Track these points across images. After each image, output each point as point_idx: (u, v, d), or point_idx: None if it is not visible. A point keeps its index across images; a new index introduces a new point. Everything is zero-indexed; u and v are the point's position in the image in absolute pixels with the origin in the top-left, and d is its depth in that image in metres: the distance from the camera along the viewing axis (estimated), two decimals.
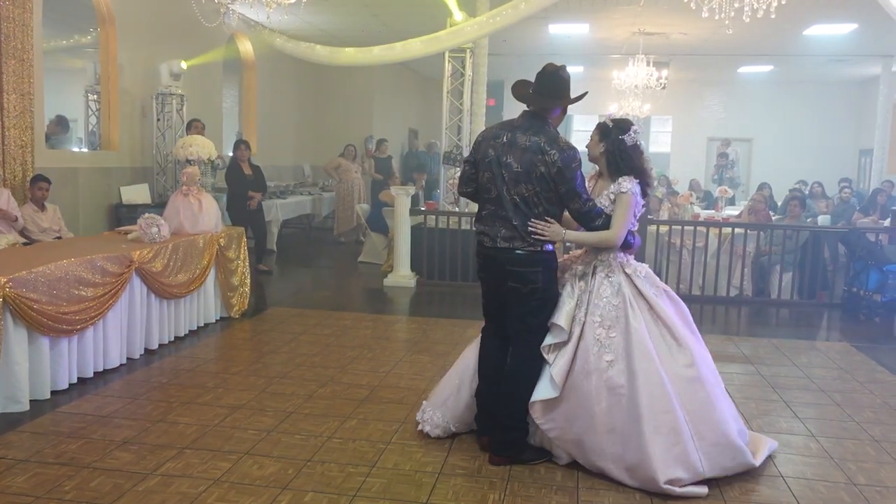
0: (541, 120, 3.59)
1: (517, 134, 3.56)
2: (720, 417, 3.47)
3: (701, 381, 3.49)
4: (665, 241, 8.42)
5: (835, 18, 11.15)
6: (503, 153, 3.55)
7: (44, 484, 3.28)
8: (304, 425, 4.09)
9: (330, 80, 15.10)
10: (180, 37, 9.86)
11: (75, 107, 11.15)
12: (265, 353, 5.55)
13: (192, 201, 6.38)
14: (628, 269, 3.63)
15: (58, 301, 4.42)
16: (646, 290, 3.59)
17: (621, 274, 3.61)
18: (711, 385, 3.53)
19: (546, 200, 3.52)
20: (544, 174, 3.47)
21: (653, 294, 3.59)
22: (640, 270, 3.65)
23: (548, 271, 3.61)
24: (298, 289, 8.69)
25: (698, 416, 3.42)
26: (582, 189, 3.53)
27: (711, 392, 3.50)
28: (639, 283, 3.59)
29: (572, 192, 3.49)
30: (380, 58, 10.26)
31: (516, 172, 3.51)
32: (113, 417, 4.14)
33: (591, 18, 11.66)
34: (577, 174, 3.48)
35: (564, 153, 3.46)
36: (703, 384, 3.49)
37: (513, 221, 3.52)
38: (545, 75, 3.61)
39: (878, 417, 4.51)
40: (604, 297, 3.56)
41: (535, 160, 3.47)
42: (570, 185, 3.47)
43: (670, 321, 3.55)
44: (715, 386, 3.56)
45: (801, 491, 3.45)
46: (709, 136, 18.75)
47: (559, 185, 3.48)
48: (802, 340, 6.52)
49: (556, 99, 3.59)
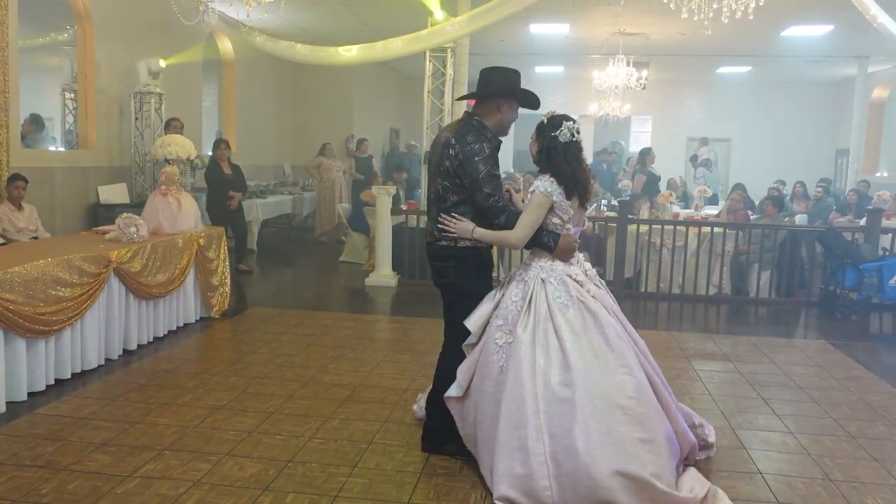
0: (468, 118, 3.64)
1: (445, 132, 3.70)
2: (586, 448, 3.03)
3: (572, 404, 3.11)
4: (645, 240, 8.48)
5: (812, 20, 11.29)
6: (433, 152, 3.76)
7: (20, 487, 3.24)
8: (284, 426, 4.07)
9: (311, 79, 15.05)
10: (159, 35, 9.77)
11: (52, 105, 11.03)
12: (245, 354, 5.52)
13: (171, 201, 6.33)
14: (543, 273, 3.41)
15: (34, 302, 4.36)
16: (553, 298, 3.33)
17: (536, 279, 3.40)
18: (590, 410, 3.09)
19: (455, 195, 3.54)
20: (449, 168, 3.52)
21: (561, 303, 3.32)
22: (555, 276, 3.38)
23: (462, 267, 3.58)
24: (279, 289, 8.65)
25: (559, 440, 3.08)
26: (485, 183, 3.44)
27: (585, 418, 3.08)
28: (549, 289, 3.35)
29: (475, 185, 3.46)
30: (361, 57, 10.23)
31: (434, 168, 3.67)
32: (91, 419, 4.10)
33: (571, 18, 11.71)
34: (479, 167, 3.43)
35: (467, 147, 3.47)
36: (575, 408, 3.10)
37: (433, 215, 3.68)
38: (480, 76, 3.69)
39: (854, 414, 4.57)
40: (512, 300, 3.42)
41: (443, 154, 3.56)
42: (473, 177, 3.45)
43: (566, 336, 3.24)
44: (598, 413, 3.09)
45: (778, 487, 3.49)
46: (688, 136, 18.90)
47: (463, 178, 3.49)
48: (780, 338, 6.59)
49: (484, 97, 3.63)
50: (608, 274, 8.54)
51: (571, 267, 3.45)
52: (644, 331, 6.68)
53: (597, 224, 8.70)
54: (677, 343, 6.27)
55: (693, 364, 5.63)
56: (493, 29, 9.90)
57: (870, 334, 7.15)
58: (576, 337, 3.25)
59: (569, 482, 3.03)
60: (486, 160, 3.46)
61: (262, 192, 12.06)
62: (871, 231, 8.07)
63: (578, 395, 3.12)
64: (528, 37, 13.21)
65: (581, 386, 3.13)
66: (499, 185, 3.51)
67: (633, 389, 3.19)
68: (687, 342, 6.33)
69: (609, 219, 8.68)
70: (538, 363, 3.22)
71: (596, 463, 3.01)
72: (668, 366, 5.51)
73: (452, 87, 10.54)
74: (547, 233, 3.43)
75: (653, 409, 3.23)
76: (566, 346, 3.22)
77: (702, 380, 5.22)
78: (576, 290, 3.37)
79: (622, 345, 3.31)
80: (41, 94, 11.21)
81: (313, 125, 15.15)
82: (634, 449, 3.07)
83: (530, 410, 3.13)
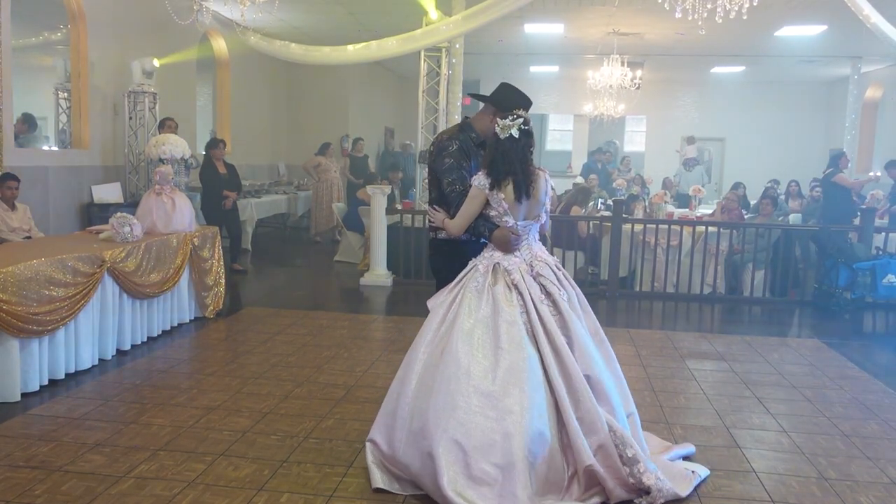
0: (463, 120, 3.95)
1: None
2: (434, 416, 3.17)
3: (439, 375, 3.24)
4: (639, 239, 8.50)
5: (805, 20, 11.32)
6: None
7: (14, 488, 3.23)
8: (279, 426, 4.06)
9: (305, 78, 15.03)
10: (153, 34, 9.75)
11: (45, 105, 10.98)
12: (240, 354, 5.51)
13: (165, 200, 6.31)
14: (483, 261, 3.50)
15: (28, 302, 4.35)
16: (473, 282, 3.45)
17: (474, 264, 3.53)
18: (450, 385, 3.19)
19: (435, 188, 3.83)
20: (428, 162, 3.89)
21: (475, 288, 3.42)
22: (485, 264, 3.48)
23: (438, 257, 3.91)
24: (274, 288, 8.63)
25: (420, 401, 3.27)
26: (446, 174, 3.68)
27: (441, 391, 3.19)
28: (476, 275, 3.47)
29: (440, 175, 3.73)
30: (355, 56, 10.23)
31: None
32: (85, 419, 4.08)
33: (565, 18, 11.71)
34: (445, 161, 3.70)
35: (439, 143, 3.80)
36: (438, 378, 3.24)
37: None
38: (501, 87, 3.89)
39: (847, 413, 4.58)
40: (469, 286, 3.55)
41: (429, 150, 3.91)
42: (439, 168, 3.74)
43: (464, 320, 3.35)
44: (452, 388, 3.18)
45: (773, 486, 3.50)
46: (683, 136, 18.93)
47: (433, 171, 3.80)
48: (774, 337, 6.61)
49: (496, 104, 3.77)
50: (603, 273, 8.56)
51: (512, 258, 3.49)
52: (638, 330, 6.73)
53: (591, 223, 8.72)
54: (671, 342, 6.28)
55: (687, 363, 5.64)
56: (487, 28, 9.90)
57: (863, 333, 7.18)
58: (473, 322, 3.35)
59: (412, 438, 3.24)
60: (453, 154, 3.71)
61: (257, 191, 12.06)
62: (865, 230, 8.10)
63: (443, 369, 3.26)
64: (522, 36, 13.22)
65: (452, 362, 3.25)
66: (461, 176, 3.67)
67: (496, 382, 3.20)
68: (681, 341, 6.34)
69: (604, 218, 8.69)
70: (438, 333, 3.42)
71: (434, 428, 3.15)
72: (662, 365, 5.54)
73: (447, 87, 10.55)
74: (485, 223, 3.55)
75: (517, 407, 3.15)
76: (461, 325, 3.34)
77: (696, 379, 5.23)
78: (492, 279, 3.44)
79: (514, 341, 3.29)
80: (34, 94, 11.16)
81: (308, 125, 15.14)
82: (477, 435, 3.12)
83: (414, 372, 3.37)
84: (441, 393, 3.20)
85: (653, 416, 4.41)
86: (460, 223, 3.56)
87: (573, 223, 8.63)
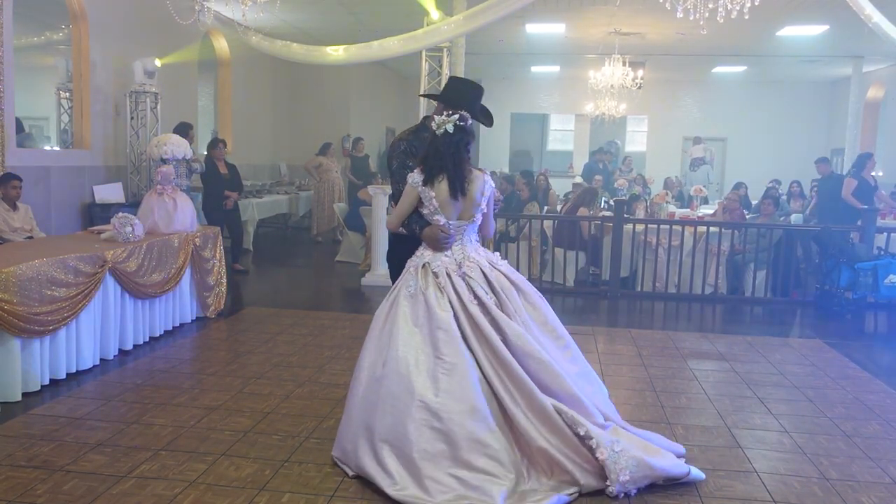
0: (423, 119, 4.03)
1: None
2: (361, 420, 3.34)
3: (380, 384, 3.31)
4: (641, 239, 8.49)
5: (807, 20, 11.32)
6: None
7: (15, 488, 3.23)
8: (281, 426, 4.06)
9: (307, 78, 15.03)
10: (154, 34, 9.75)
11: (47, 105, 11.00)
12: (242, 354, 5.51)
13: (167, 200, 6.32)
14: (415, 259, 3.56)
15: (29, 301, 4.35)
16: (405, 284, 3.49)
17: (409, 264, 3.56)
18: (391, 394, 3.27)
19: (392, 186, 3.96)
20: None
21: (409, 292, 3.45)
22: (416, 264, 3.53)
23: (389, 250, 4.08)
24: (275, 288, 8.64)
25: (364, 410, 3.36)
26: (394, 174, 3.80)
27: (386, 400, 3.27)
28: (408, 276, 3.52)
29: (390, 175, 3.86)
30: (356, 56, 10.24)
31: None
32: (86, 419, 4.08)
33: (567, 18, 11.72)
34: (392, 163, 3.83)
35: (391, 144, 3.94)
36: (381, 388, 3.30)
37: None
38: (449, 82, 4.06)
39: (849, 413, 4.58)
40: None
41: None
42: (389, 169, 3.88)
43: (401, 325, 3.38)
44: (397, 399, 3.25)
45: (774, 486, 3.50)
46: (684, 136, 18.94)
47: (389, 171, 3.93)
48: (776, 337, 6.61)
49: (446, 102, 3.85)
50: (604, 273, 8.56)
51: (441, 257, 3.51)
52: (640, 330, 6.73)
53: (593, 223, 8.71)
54: (673, 342, 6.28)
55: (689, 363, 5.64)
56: (488, 29, 9.90)
57: (865, 333, 7.17)
58: (408, 332, 3.37)
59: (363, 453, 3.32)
60: (398, 156, 3.82)
61: (258, 191, 12.06)
62: (866, 230, 8.09)
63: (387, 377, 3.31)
64: (524, 36, 13.22)
65: (392, 372, 3.30)
66: (404, 176, 3.67)
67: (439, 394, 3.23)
68: (683, 341, 6.33)
69: (605, 218, 8.68)
70: (380, 343, 3.43)
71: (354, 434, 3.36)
72: (663, 365, 5.53)
73: None
74: (417, 221, 3.57)
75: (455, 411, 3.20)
76: (399, 336, 3.36)
77: (697, 379, 5.22)
78: (423, 282, 3.45)
79: (452, 345, 3.32)
80: (36, 94, 11.18)
81: (309, 125, 15.14)
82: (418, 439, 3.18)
83: (360, 384, 3.43)
84: (387, 413, 3.27)
85: (654, 416, 4.41)
86: (393, 219, 3.65)
87: (575, 223, 8.63)
